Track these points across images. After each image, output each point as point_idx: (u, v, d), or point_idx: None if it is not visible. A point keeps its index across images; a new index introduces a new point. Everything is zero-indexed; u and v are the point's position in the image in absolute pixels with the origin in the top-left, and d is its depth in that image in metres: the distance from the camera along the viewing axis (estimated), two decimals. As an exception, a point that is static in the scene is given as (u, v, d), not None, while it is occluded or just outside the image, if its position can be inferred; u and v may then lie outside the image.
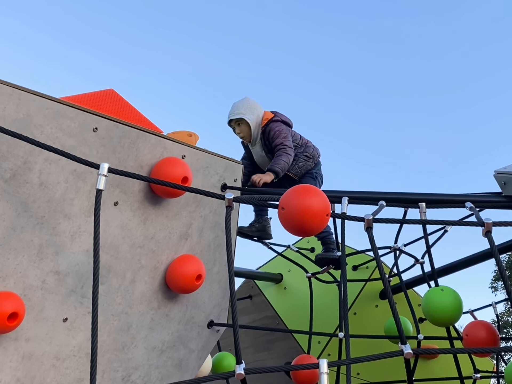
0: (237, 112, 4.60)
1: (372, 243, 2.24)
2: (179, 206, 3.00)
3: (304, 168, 4.67)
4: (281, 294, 5.47)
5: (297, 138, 4.74)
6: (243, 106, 4.63)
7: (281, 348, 5.14)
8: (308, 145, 4.77)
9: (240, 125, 4.62)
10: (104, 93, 2.84)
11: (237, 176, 3.32)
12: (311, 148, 4.76)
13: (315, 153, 4.78)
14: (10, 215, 2.35)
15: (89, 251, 2.59)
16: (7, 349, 2.37)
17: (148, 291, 2.89)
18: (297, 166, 4.62)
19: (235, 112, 4.61)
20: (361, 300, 5.09)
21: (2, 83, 2.32)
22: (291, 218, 2.18)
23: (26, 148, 2.37)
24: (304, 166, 4.66)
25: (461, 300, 2.97)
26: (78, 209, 2.57)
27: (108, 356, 2.74)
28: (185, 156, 2.99)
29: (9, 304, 2.27)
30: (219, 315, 3.33)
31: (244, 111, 4.59)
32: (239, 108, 4.61)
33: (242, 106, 4.63)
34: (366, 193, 3.19)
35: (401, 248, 4.49)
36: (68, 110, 2.51)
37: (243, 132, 4.64)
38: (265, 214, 4.84)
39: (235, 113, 4.60)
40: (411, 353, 2.11)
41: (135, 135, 2.76)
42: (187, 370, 3.15)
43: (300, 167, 4.64)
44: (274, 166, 4.38)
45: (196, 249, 3.12)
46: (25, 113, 2.37)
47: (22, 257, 2.39)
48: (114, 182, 2.67)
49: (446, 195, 3.16)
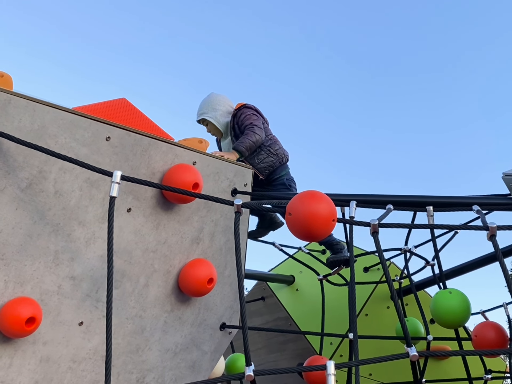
0: (200, 112, 4.61)
1: (378, 247, 2.28)
2: (190, 211, 3.06)
3: (267, 163, 4.51)
4: (293, 296, 5.52)
5: (268, 132, 4.63)
6: (205, 105, 4.62)
7: (293, 349, 5.19)
8: (275, 142, 4.63)
9: (208, 124, 4.63)
10: (116, 102, 2.92)
11: (247, 181, 3.38)
12: (277, 145, 4.62)
13: (281, 152, 4.62)
14: (26, 223, 2.43)
15: (103, 256, 2.67)
16: (26, 352, 2.46)
17: (161, 294, 2.96)
18: (257, 159, 4.47)
19: (198, 113, 4.63)
20: (372, 301, 5.12)
21: (17, 95, 2.40)
22: (298, 224, 2.24)
23: (41, 158, 2.45)
24: (265, 160, 4.50)
25: (469, 302, 3.00)
26: (92, 216, 2.64)
27: (122, 358, 2.82)
28: (196, 162, 3.06)
29: (27, 309, 2.35)
30: (231, 317, 3.40)
31: (206, 110, 4.58)
32: (201, 108, 4.62)
33: (204, 105, 4.62)
34: (374, 196, 3.23)
35: (411, 249, 4.51)
36: (81, 120, 2.59)
37: (211, 130, 4.65)
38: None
39: (198, 114, 4.63)
40: (417, 355, 2.16)
41: (147, 143, 2.83)
42: (200, 372, 3.22)
43: (262, 161, 4.49)
44: (239, 145, 4.27)
45: (208, 253, 3.18)
46: (40, 124, 2.46)
47: (39, 263, 2.48)
48: (127, 189, 2.74)
49: (453, 198, 3.19)
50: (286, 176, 4.66)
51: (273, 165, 4.57)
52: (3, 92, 2.36)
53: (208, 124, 4.62)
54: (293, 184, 4.68)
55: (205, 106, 4.60)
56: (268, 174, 4.59)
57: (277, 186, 4.60)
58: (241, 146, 4.26)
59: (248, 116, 4.48)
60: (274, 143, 4.60)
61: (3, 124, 2.34)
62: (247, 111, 4.52)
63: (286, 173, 4.67)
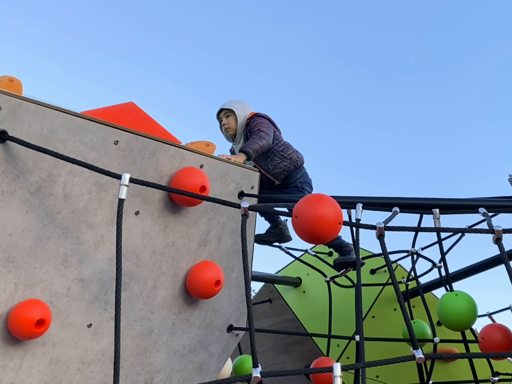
0: (230, 104, 4.74)
1: (384, 251, 2.29)
2: (198, 214, 3.09)
3: (281, 168, 4.63)
4: (300, 298, 5.54)
5: (279, 138, 4.74)
6: (236, 102, 4.78)
7: (301, 351, 5.20)
8: (288, 146, 4.73)
9: (229, 117, 4.72)
10: (124, 106, 2.95)
11: (254, 184, 3.40)
12: (290, 149, 4.71)
13: (295, 156, 4.71)
14: (36, 226, 2.46)
15: (111, 259, 2.70)
16: (35, 354, 2.48)
17: (169, 296, 2.99)
18: (271, 165, 4.60)
19: (227, 104, 4.75)
20: (379, 303, 5.13)
21: (27, 100, 2.43)
22: (304, 227, 2.26)
23: (51, 162, 2.48)
24: (280, 165, 4.62)
25: (476, 304, 3.01)
26: (101, 219, 2.67)
27: (131, 360, 2.84)
28: (203, 165, 3.08)
29: (36, 311, 2.38)
30: (238, 319, 3.42)
31: (237, 106, 4.72)
32: (232, 103, 4.75)
33: (235, 102, 4.77)
34: (380, 199, 3.24)
35: (418, 251, 4.52)
36: (90, 124, 2.62)
37: (229, 124, 4.71)
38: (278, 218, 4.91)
39: (227, 104, 4.74)
40: (423, 358, 2.17)
41: (155, 146, 2.86)
42: (208, 374, 3.24)
43: (275, 166, 4.61)
44: (246, 147, 4.33)
45: (215, 255, 3.20)
46: (49, 128, 2.49)
47: (48, 265, 2.51)
48: (135, 192, 2.77)
49: (459, 200, 3.20)
50: (301, 178, 4.73)
51: (288, 169, 4.68)
52: (13, 96, 2.39)
53: (229, 118, 4.72)
54: (307, 187, 4.74)
55: (236, 103, 4.76)
56: (284, 178, 4.70)
57: (291, 189, 4.69)
58: (248, 148, 4.32)
59: (258, 123, 4.58)
60: (286, 148, 4.71)
61: (13, 129, 2.38)
62: (258, 119, 4.64)
63: (302, 175, 4.76)
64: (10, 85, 2.56)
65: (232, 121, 4.71)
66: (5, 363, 2.39)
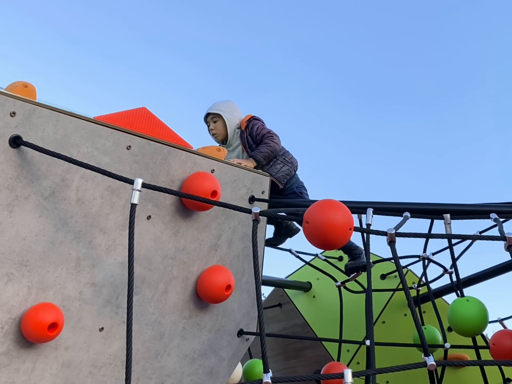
0: (217, 108, 4.59)
1: (395, 257, 2.29)
2: (208, 218, 3.10)
3: (284, 172, 4.58)
4: (310, 303, 5.53)
5: None
6: (223, 105, 4.61)
7: (310, 356, 5.20)
8: (287, 151, 4.70)
9: (216, 122, 4.59)
10: (136, 111, 2.97)
11: (264, 188, 3.41)
12: (290, 154, 4.69)
13: (294, 160, 4.70)
14: (49, 230, 2.48)
15: (123, 263, 2.71)
16: (48, 357, 2.51)
17: (180, 301, 3.00)
18: (275, 169, 4.54)
19: (215, 107, 4.60)
20: (389, 309, 5.12)
21: (41, 105, 2.46)
22: (315, 232, 2.26)
23: (64, 167, 2.51)
24: (283, 169, 4.57)
25: (487, 310, 3.00)
26: (113, 224, 2.69)
27: (142, 364, 2.86)
28: (214, 170, 3.10)
29: (49, 315, 2.40)
30: (248, 323, 3.43)
31: (224, 109, 4.58)
32: (220, 106, 4.60)
33: (223, 105, 4.61)
34: (391, 204, 3.24)
35: (429, 257, 4.50)
36: (103, 129, 2.64)
37: (217, 129, 4.60)
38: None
39: (214, 108, 4.59)
40: (434, 365, 2.16)
41: (167, 151, 2.88)
42: (218, 378, 3.25)
43: (280, 171, 4.55)
44: (257, 154, 4.32)
45: (226, 260, 3.22)
46: (62, 134, 2.51)
47: (61, 269, 2.53)
48: (147, 197, 2.79)
49: (470, 206, 3.19)
50: (296, 183, 4.70)
51: (290, 174, 4.63)
52: (28, 102, 2.42)
53: (217, 123, 4.59)
54: (304, 191, 4.72)
55: (224, 106, 4.61)
56: (286, 182, 4.64)
57: (289, 195, 4.64)
58: (259, 155, 4.33)
59: (261, 127, 4.54)
60: (286, 152, 4.69)
61: (27, 134, 2.40)
62: (258, 123, 4.57)
63: (295, 180, 4.72)
64: (25, 91, 2.59)
65: (220, 126, 4.60)
66: (18, 366, 2.42)
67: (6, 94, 2.35)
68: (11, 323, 2.39)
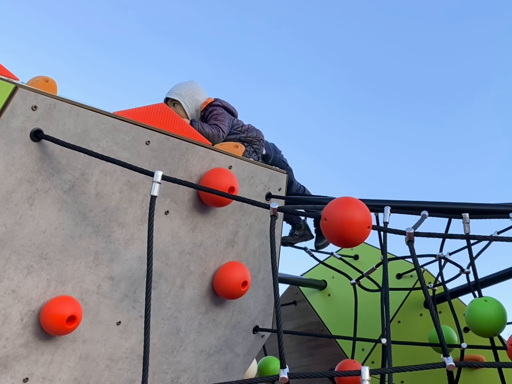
0: (176, 92, 4.38)
1: (413, 256, 2.28)
2: (226, 214, 3.11)
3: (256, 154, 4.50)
4: (325, 301, 5.52)
5: (239, 125, 4.52)
6: (184, 88, 4.41)
7: (325, 354, 5.19)
8: (251, 129, 4.57)
9: (175, 105, 4.36)
10: (155, 107, 2.98)
11: (281, 185, 3.41)
12: (254, 131, 4.56)
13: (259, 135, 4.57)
14: (69, 224, 2.50)
15: (141, 257, 2.73)
16: (66, 350, 2.53)
17: (196, 296, 3.01)
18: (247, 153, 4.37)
19: (174, 91, 4.39)
20: (405, 308, 5.09)
21: (62, 100, 2.48)
22: (333, 229, 2.25)
23: (84, 161, 2.52)
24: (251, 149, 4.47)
25: (505, 310, 2.97)
26: (131, 218, 2.71)
27: (158, 358, 2.87)
28: (231, 166, 3.10)
29: (68, 308, 2.42)
30: (264, 320, 3.43)
31: (184, 93, 4.37)
32: (179, 89, 4.39)
33: (183, 88, 4.41)
34: (409, 202, 3.23)
35: (446, 256, 4.47)
36: (122, 124, 2.65)
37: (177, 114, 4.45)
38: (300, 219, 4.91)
39: (174, 93, 4.38)
40: (453, 365, 2.13)
41: (185, 147, 2.89)
42: (233, 374, 3.26)
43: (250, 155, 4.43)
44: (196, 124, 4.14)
45: (242, 256, 3.22)
46: (83, 128, 2.53)
47: (80, 263, 2.55)
48: (165, 192, 2.80)
49: (490, 205, 3.16)
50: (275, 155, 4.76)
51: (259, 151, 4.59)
52: (49, 96, 2.44)
53: (176, 107, 4.37)
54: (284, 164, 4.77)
55: (185, 90, 4.40)
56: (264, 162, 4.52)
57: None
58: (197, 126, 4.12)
59: (214, 116, 4.32)
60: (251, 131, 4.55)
61: (48, 128, 2.42)
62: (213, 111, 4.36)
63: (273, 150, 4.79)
64: (46, 85, 2.61)
65: (180, 111, 4.35)
66: (37, 357, 2.44)
67: (27, 88, 2.37)
68: (30, 315, 2.41)
